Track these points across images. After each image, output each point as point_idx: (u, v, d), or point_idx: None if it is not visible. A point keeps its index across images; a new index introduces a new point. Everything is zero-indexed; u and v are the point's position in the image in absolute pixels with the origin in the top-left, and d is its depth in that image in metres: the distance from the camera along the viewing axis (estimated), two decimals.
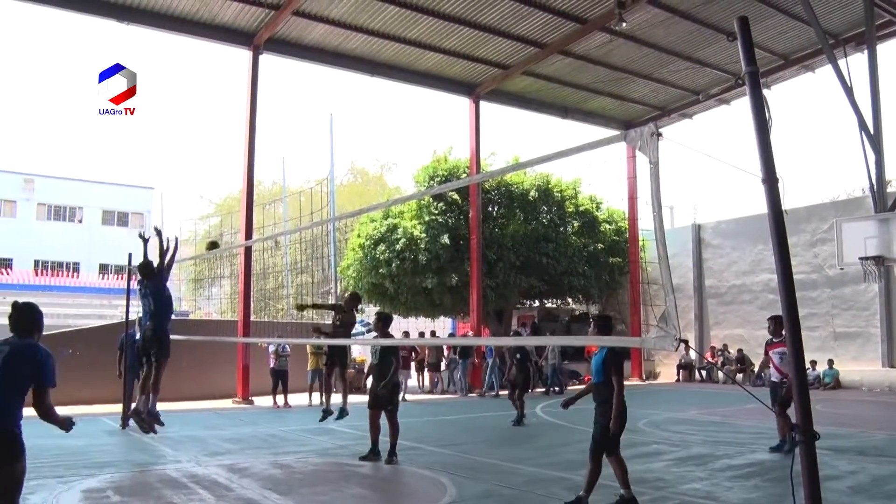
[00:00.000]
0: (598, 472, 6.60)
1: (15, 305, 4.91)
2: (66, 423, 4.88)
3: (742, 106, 24.41)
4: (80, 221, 47.77)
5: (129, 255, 14.06)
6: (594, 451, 6.64)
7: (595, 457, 6.62)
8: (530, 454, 9.86)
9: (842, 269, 18.94)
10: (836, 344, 22.23)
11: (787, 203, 3.87)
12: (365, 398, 9.91)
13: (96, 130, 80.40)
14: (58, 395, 4.95)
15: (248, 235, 19.48)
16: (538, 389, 20.56)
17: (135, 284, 11.02)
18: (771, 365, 10.00)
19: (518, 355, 13.98)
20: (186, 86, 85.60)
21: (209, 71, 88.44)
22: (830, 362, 21.70)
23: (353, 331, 11.88)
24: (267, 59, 19.25)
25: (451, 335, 29.04)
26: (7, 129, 71.03)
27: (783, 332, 9.43)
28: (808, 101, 66.91)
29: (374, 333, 11.20)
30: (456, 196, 23.33)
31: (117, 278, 41.10)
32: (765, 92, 3.86)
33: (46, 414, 4.72)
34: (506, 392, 14.82)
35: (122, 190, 49.39)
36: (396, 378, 9.48)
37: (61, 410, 14.43)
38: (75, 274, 43.58)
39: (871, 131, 18.35)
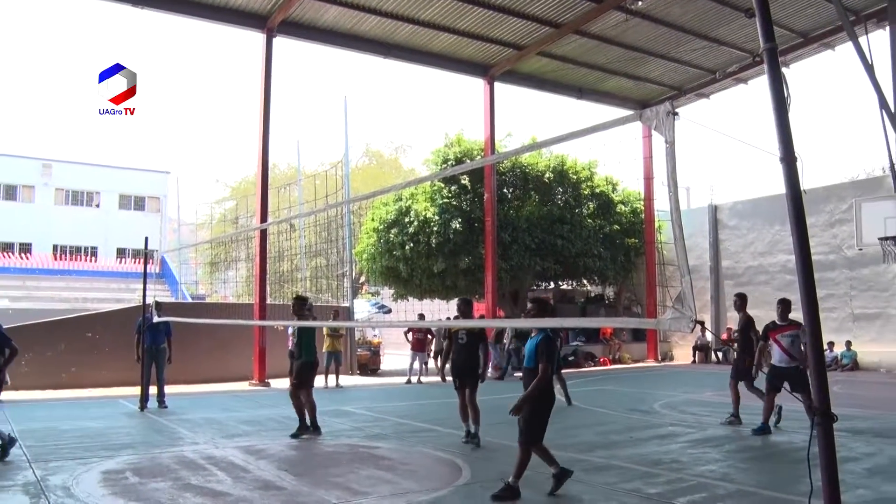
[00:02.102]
0: (527, 460, 6.49)
1: None
2: None
3: (760, 85, 24.14)
4: (98, 206, 48.06)
5: (146, 238, 14.13)
6: (521, 442, 6.49)
7: (523, 447, 6.47)
8: (547, 436, 9.84)
9: (861, 249, 18.77)
10: (854, 325, 22.08)
11: (805, 183, 3.81)
12: (375, 380, 9.94)
13: (113, 116, 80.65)
14: (77, 377, 4.95)
15: (264, 218, 19.52)
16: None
17: None
18: (777, 349, 9.71)
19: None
20: (201, 70, 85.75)
21: (224, 55, 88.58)
22: (848, 343, 21.58)
23: (367, 313, 11.98)
24: (280, 41, 19.22)
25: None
26: (25, 115, 71.48)
27: (790, 318, 9.40)
28: (827, 80, 66.11)
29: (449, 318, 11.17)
30: (467, 181, 23.27)
31: (135, 262, 41.41)
32: (783, 70, 3.79)
33: None
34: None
35: (139, 174, 49.63)
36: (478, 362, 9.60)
37: (81, 393, 14.62)
38: (93, 258, 43.90)
39: (893, 110, 18.08)
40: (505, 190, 24.67)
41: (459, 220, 22.41)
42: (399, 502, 6.25)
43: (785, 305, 9.86)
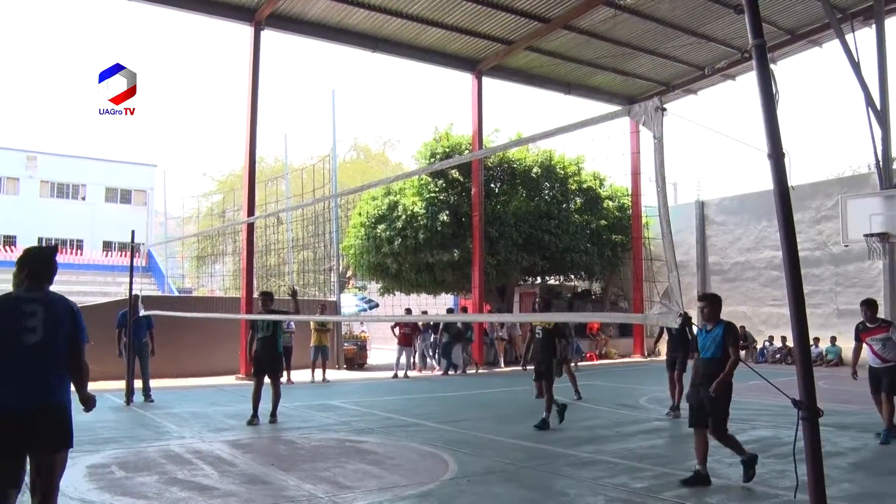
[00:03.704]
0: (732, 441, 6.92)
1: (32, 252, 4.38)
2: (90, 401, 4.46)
3: (747, 81, 24.26)
4: (84, 199, 47.76)
5: (133, 232, 14.05)
6: (714, 430, 6.87)
7: (717, 433, 6.87)
8: (533, 430, 9.88)
9: (846, 246, 18.90)
10: (839, 321, 22.20)
11: (792, 179, 3.82)
12: (362, 375, 9.97)
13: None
14: None
15: (251, 212, 19.45)
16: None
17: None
18: (871, 352, 9.34)
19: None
20: (189, 63, 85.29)
21: (211, 48, 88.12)
22: (833, 339, 21.71)
23: (354, 307, 12.17)
24: (269, 34, 19.13)
25: (451, 311, 29.10)
26: (10, 106, 70.90)
27: (878, 318, 9.31)
28: (814, 77, 66.54)
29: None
30: (457, 174, 23.26)
31: (121, 255, 41.20)
32: (771, 67, 3.81)
33: (83, 378, 4.32)
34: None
35: (125, 167, 49.34)
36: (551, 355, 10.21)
37: None
38: (79, 251, 43.65)
39: (878, 107, 18.24)
40: (492, 185, 24.69)
41: (447, 214, 22.40)
42: (386, 496, 6.24)
43: (871, 307, 9.56)
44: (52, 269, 4.28)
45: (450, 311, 30.47)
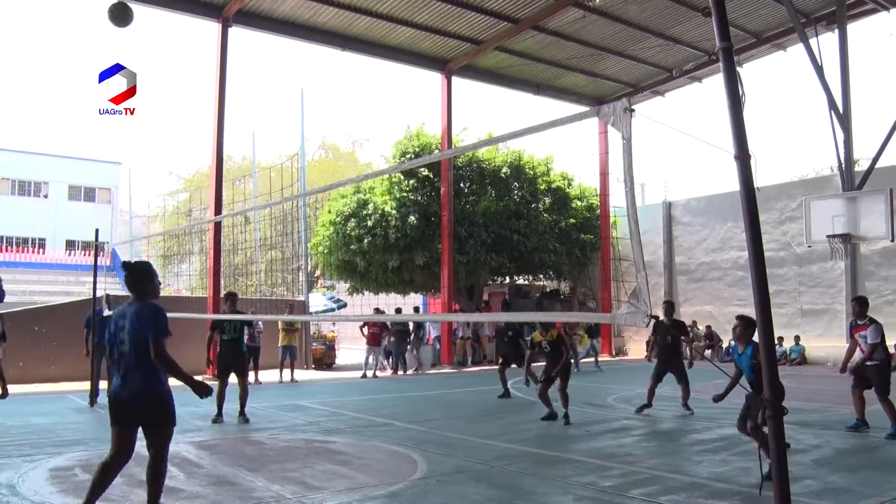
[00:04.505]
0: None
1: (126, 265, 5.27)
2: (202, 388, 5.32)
3: (714, 84, 24.57)
4: (46, 197, 46.98)
5: (97, 230, 13.85)
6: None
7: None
8: (502, 430, 9.90)
9: (810, 246, 19.20)
10: (802, 320, 22.57)
11: (757, 181, 3.87)
12: (331, 374, 9.94)
13: (61, 104, 79.04)
14: (25, 372, 4.99)
15: (218, 211, 19.27)
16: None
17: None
18: (859, 348, 9.47)
19: (510, 332, 14.22)
20: (155, 60, 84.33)
21: (178, 44, 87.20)
22: (797, 338, 22.03)
23: (322, 307, 12.22)
24: (237, 31, 19.00)
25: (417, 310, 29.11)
26: None
27: (868, 315, 9.42)
28: (779, 80, 67.48)
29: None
30: (428, 172, 23.25)
31: (84, 254, 40.55)
32: (737, 69, 3.85)
33: (170, 370, 5.14)
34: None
35: (89, 165, 48.57)
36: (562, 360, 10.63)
37: (28, 388, 14.24)
38: (41, 250, 42.87)
39: (841, 111, 18.55)
40: (462, 184, 24.72)
41: (417, 214, 22.39)
42: (355, 496, 6.22)
43: (859, 303, 9.65)
44: (138, 284, 5.19)
45: (416, 309, 30.51)
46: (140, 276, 5.18)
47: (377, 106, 77.91)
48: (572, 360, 19.88)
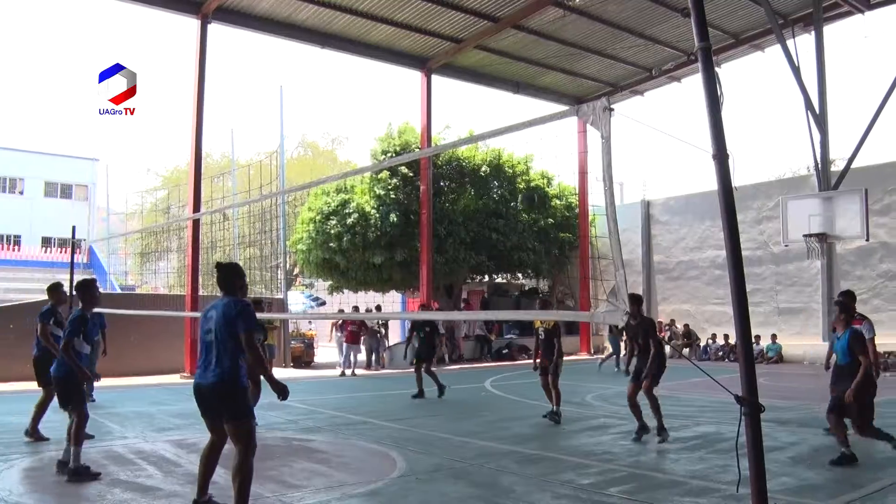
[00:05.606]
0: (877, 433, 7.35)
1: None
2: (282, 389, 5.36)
3: (693, 84, 24.67)
4: (21, 193, 46.38)
5: (73, 227, 13.72)
6: (858, 427, 7.30)
7: (864, 431, 7.31)
8: (481, 428, 9.92)
9: (786, 245, 19.33)
10: (779, 319, 22.75)
11: (735, 180, 3.90)
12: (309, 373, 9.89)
13: (38, 99, 78.16)
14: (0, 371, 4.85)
15: (197, 208, 19.12)
16: None
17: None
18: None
19: (427, 328, 14.20)
20: (133, 56, 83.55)
21: (157, 41, 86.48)
22: (774, 337, 22.21)
23: (301, 305, 12.09)
24: (216, 28, 18.81)
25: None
26: None
27: (857, 313, 9.43)
28: (757, 81, 67.98)
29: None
30: (408, 170, 23.21)
31: (61, 252, 40.06)
32: (716, 69, 3.88)
33: (256, 366, 5.48)
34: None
35: (66, 161, 47.97)
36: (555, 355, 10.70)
37: (3, 387, 14.04)
38: (16, 247, 42.26)
39: (817, 111, 18.69)
40: (441, 183, 24.70)
41: (397, 213, 22.37)
42: (334, 495, 6.20)
43: (851, 298, 9.61)
44: (227, 282, 5.53)
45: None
46: (229, 274, 5.57)
47: (357, 104, 77.59)
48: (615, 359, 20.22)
